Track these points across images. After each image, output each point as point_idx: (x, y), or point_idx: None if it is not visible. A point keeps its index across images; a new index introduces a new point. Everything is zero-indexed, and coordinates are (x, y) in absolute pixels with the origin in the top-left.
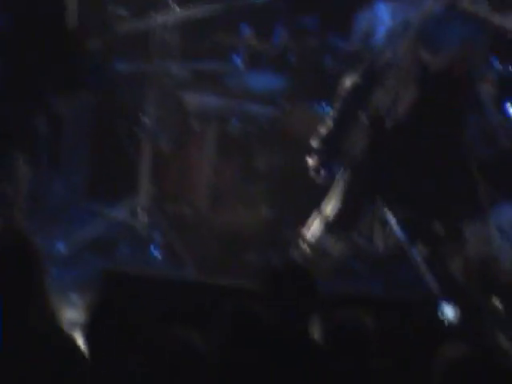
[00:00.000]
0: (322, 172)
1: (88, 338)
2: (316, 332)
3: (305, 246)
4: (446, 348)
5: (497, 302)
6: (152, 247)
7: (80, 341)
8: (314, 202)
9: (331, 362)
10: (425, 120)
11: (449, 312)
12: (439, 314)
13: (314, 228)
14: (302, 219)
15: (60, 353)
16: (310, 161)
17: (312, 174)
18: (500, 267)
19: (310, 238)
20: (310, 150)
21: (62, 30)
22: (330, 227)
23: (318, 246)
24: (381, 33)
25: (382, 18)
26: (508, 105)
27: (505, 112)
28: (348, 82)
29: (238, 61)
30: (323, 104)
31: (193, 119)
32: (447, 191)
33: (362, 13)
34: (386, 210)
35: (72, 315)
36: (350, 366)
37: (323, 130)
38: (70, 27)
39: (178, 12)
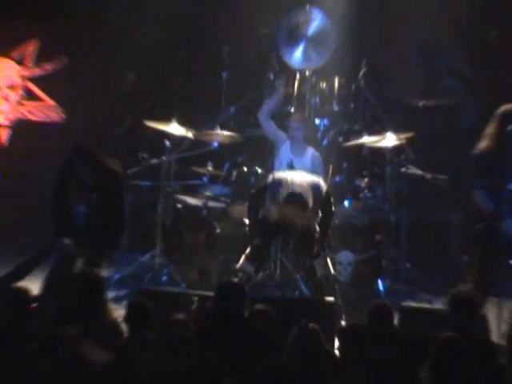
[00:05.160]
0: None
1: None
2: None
3: (238, 273)
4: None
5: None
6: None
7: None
8: (244, 248)
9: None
10: None
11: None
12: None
13: (241, 261)
14: (239, 258)
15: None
16: (247, 229)
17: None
18: (336, 279)
19: (239, 266)
20: (241, 224)
21: None
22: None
23: (242, 270)
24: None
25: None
26: None
27: None
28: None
29: (205, 179)
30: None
31: (181, 210)
32: None
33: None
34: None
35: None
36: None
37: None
38: None
39: (173, 154)
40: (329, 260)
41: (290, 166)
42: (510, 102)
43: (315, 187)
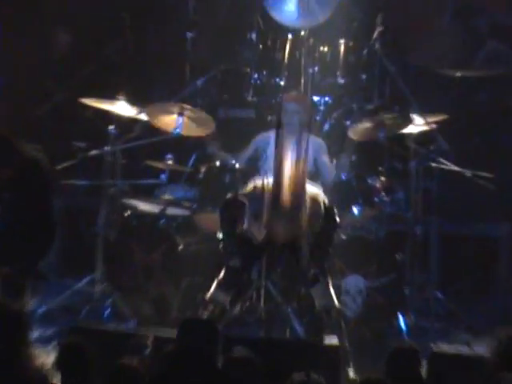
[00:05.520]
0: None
1: (60, 369)
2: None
3: (209, 304)
4: None
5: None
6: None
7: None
8: (215, 272)
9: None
10: None
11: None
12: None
13: (212, 289)
14: (209, 284)
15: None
16: (220, 246)
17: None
18: (342, 313)
19: (209, 295)
20: (212, 239)
21: None
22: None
23: (213, 300)
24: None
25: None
26: None
27: None
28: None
29: (164, 178)
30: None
31: (131, 218)
32: None
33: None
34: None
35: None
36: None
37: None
38: None
39: (120, 143)
40: (331, 288)
41: None
42: None
43: (312, 201)
